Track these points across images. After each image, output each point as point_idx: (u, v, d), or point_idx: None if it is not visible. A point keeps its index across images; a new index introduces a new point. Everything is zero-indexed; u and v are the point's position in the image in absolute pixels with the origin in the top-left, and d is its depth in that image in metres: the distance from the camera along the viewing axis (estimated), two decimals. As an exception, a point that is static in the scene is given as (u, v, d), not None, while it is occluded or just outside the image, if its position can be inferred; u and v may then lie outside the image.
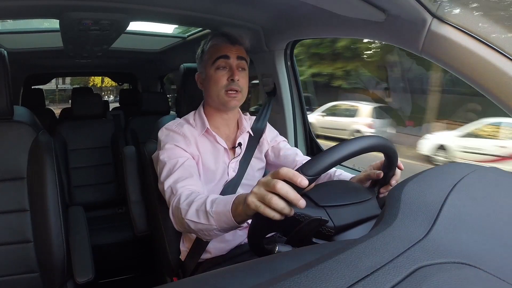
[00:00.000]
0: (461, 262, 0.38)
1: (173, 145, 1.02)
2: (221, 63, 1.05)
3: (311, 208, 0.70)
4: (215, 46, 1.08)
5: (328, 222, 0.69)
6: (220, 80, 1.05)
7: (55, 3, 1.19)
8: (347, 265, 0.36)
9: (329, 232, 0.70)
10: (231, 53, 1.06)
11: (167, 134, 1.06)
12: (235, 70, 1.05)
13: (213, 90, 1.07)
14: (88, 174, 2.34)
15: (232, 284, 0.43)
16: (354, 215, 0.72)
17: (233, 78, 1.03)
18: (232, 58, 1.05)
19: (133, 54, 2.70)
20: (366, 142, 0.70)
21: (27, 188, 1.14)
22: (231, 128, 1.15)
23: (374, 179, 0.88)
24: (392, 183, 0.87)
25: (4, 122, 1.15)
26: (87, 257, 1.17)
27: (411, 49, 0.89)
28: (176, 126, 1.08)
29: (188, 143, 1.04)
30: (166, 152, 1.02)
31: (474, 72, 0.78)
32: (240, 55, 1.07)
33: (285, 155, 1.19)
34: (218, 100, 1.06)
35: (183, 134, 1.05)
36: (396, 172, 0.86)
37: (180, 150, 1.02)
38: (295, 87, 1.57)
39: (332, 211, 0.70)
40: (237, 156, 1.12)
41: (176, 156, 1.00)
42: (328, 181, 0.91)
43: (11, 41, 2.07)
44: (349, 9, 0.94)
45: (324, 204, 0.71)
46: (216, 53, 1.06)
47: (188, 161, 1.00)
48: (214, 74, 1.06)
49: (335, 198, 0.73)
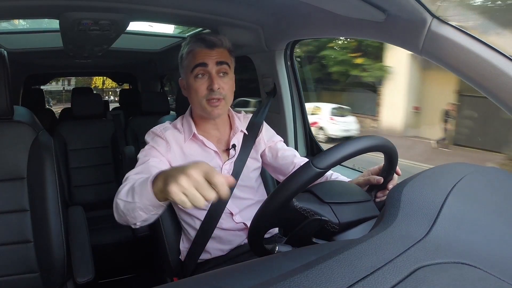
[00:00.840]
0: (461, 262, 0.38)
1: (152, 146, 1.03)
2: (199, 71, 1.01)
3: (316, 203, 0.71)
4: (192, 52, 1.03)
5: (333, 219, 0.70)
6: (199, 89, 1.01)
7: (55, 3, 1.18)
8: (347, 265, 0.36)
9: (333, 229, 0.70)
10: (209, 59, 1.00)
11: (152, 137, 1.06)
12: (214, 78, 1.00)
13: (194, 99, 1.04)
14: (88, 174, 2.34)
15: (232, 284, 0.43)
16: (358, 213, 0.73)
17: (212, 88, 1.00)
18: (210, 65, 1.00)
19: (133, 54, 2.69)
20: (376, 141, 0.72)
21: (27, 188, 1.14)
22: (221, 130, 1.13)
23: (373, 184, 0.89)
24: (389, 187, 0.88)
25: (4, 122, 1.15)
26: (87, 257, 1.16)
27: (411, 49, 0.89)
28: (161, 130, 1.07)
29: (168, 148, 1.04)
30: (144, 151, 1.03)
31: (474, 72, 0.78)
32: (219, 60, 1.02)
33: (283, 156, 1.17)
34: (201, 109, 1.04)
35: (165, 138, 1.05)
36: (393, 177, 0.87)
37: (156, 152, 1.02)
38: (295, 87, 1.57)
39: (337, 207, 0.71)
40: (231, 158, 1.10)
41: (149, 156, 1.01)
42: (329, 181, 0.91)
43: (11, 41, 2.07)
44: (349, 9, 0.94)
45: (329, 201, 0.71)
46: (194, 60, 1.02)
47: (156, 163, 0.98)
48: (194, 83, 1.02)
49: (339, 195, 0.74)
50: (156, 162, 0.98)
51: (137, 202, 0.78)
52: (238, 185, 1.08)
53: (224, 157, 1.11)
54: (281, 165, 1.17)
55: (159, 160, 1.00)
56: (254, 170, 1.16)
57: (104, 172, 2.39)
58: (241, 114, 1.21)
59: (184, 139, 1.07)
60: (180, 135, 1.08)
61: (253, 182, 1.15)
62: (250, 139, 1.15)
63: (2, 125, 1.15)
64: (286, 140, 1.55)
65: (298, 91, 1.58)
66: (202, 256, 1.08)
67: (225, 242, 1.08)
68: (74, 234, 1.21)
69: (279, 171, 1.19)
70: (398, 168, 0.86)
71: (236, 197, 1.08)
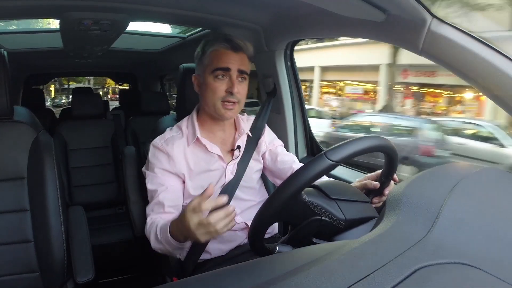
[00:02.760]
0: (461, 262, 0.38)
1: (156, 169, 1.05)
2: (221, 73, 1.02)
3: (323, 199, 0.71)
4: (217, 52, 1.03)
5: (339, 215, 0.71)
6: (217, 90, 1.02)
7: (55, 3, 1.18)
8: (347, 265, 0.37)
9: (339, 224, 0.71)
10: (233, 64, 1.02)
11: (153, 153, 1.07)
12: (235, 82, 1.01)
13: (209, 98, 1.04)
14: (88, 174, 2.34)
15: (232, 284, 0.43)
16: (362, 211, 0.74)
17: (231, 91, 1.01)
18: (233, 70, 1.01)
19: (133, 54, 2.69)
20: (383, 142, 0.72)
21: (27, 188, 1.14)
22: (227, 132, 1.14)
23: (369, 189, 0.89)
24: (385, 193, 0.89)
25: (4, 122, 1.15)
26: (87, 257, 1.16)
27: (411, 49, 0.89)
28: (162, 143, 1.06)
29: (172, 163, 1.04)
30: (150, 175, 1.06)
31: (474, 72, 0.78)
32: (241, 68, 1.03)
33: (282, 160, 1.17)
34: (214, 109, 1.04)
35: (167, 153, 1.04)
36: (390, 183, 0.88)
37: (161, 176, 1.04)
38: (295, 87, 1.57)
39: (343, 204, 0.72)
40: (235, 159, 1.11)
41: (155, 183, 1.04)
42: (333, 180, 0.91)
43: (11, 41, 2.07)
44: (349, 9, 0.94)
45: (335, 197, 0.72)
46: (217, 61, 1.02)
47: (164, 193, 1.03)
48: (213, 82, 1.02)
49: (344, 193, 0.75)
50: (165, 190, 1.03)
51: (169, 248, 0.95)
52: (241, 186, 1.09)
53: (228, 158, 1.11)
54: (279, 170, 1.17)
55: (165, 187, 1.04)
56: (256, 171, 1.17)
57: (104, 172, 2.39)
58: (245, 116, 1.22)
59: (188, 143, 1.07)
60: (182, 140, 1.07)
61: (255, 184, 1.16)
62: (253, 140, 1.16)
63: (2, 125, 1.15)
64: (286, 140, 1.55)
65: (298, 91, 1.58)
66: (202, 256, 1.08)
67: (226, 242, 1.08)
68: (74, 234, 1.21)
69: (277, 175, 1.19)
70: (395, 175, 0.87)
71: (238, 198, 1.09)
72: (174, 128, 1.12)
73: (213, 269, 0.51)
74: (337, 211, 0.71)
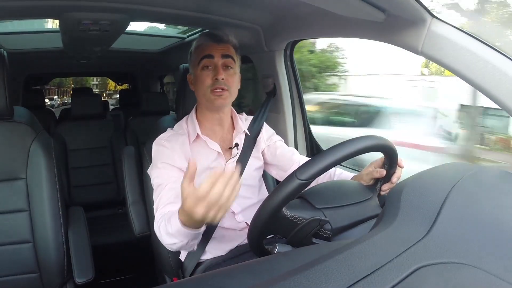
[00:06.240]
0: (461, 262, 0.38)
1: (161, 163, 1.04)
2: (206, 63, 1.06)
3: (308, 210, 0.70)
4: (200, 46, 1.08)
5: (325, 225, 0.69)
6: (205, 80, 1.05)
7: (55, 3, 1.18)
8: (347, 265, 0.36)
9: (326, 234, 0.70)
10: (215, 52, 1.06)
11: (157, 150, 1.08)
12: (219, 69, 1.05)
13: (200, 90, 1.08)
14: (88, 174, 2.34)
15: (232, 284, 0.43)
16: (352, 216, 0.73)
17: (217, 77, 1.04)
18: (216, 57, 1.05)
19: (133, 54, 2.69)
20: (363, 143, 0.71)
21: (26, 188, 1.14)
22: (225, 128, 1.15)
23: (376, 178, 0.89)
24: (393, 180, 0.88)
25: (3, 122, 1.15)
26: (87, 257, 1.16)
27: (411, 49, 0.89)
28: (166, 140, 1.08)
29: (175, 158, 1.05)
30: (155, 171, 1.05)
31: (474, 72, 0.78)
32: (225, 53, 1.06)
33: (282, 153, 1.19)
34: (205, 99, 1.07)
35: (171, 148, 1.06)
36: (397, 170, 0.87)
37: (167, 170, 1.03)
38: (295, 87, 1.57)
39: (330, 212, 0.70)
40: (234, 157, 1.12)
41: (162, 178, 1.03)
42: (326, 182, 0.91)
43: (11, 41, 2.07)
44: (348, 9, 0.94)
45: (321, 206, 0.71)
46: (201, 53, 1.07)
47: (170, 184, 1.01)
48: (200, 74, 1.07)
49: (333, 199, 0.74)
50: (172, 183, 1.00)
51: (183, 239, 0.86)
52: (241, 184, 1.09)
53: (227, 156, 1.12)
54: (280, 163, 1.18)
55: (173, 181, 1.01)
56: (256, 169, 1.17)
57: (103, 172, 2.39)
58: (243, 116, 1.23)
59: (189, 140, 1.09)
60: (184, 138, 1.09)
61: (255, 181, 1.16)
62: (252, 138, 1.17)
63: (1, 125, 1.15)
64: (286, 140, 1.55)
65: (298, 91, 1.58)
66: (202, 256, 1.08)
67: (226, 241, 1.08)
68: (74, 235, 1.21)
69: (280, 169, 1.20)
70: (401, 160, 0.86)
71: (239, 196, 1.09)
72: (175, 127, 1.14)
73: (213, 269, 0.51)
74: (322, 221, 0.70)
